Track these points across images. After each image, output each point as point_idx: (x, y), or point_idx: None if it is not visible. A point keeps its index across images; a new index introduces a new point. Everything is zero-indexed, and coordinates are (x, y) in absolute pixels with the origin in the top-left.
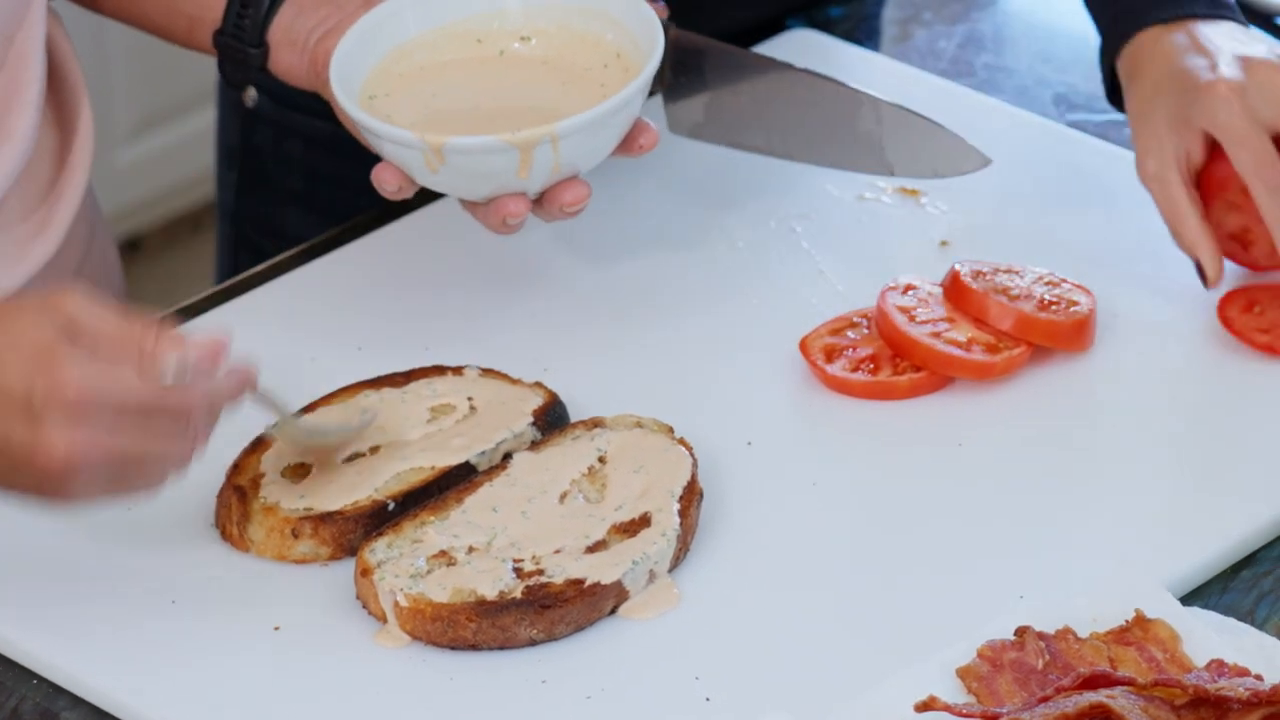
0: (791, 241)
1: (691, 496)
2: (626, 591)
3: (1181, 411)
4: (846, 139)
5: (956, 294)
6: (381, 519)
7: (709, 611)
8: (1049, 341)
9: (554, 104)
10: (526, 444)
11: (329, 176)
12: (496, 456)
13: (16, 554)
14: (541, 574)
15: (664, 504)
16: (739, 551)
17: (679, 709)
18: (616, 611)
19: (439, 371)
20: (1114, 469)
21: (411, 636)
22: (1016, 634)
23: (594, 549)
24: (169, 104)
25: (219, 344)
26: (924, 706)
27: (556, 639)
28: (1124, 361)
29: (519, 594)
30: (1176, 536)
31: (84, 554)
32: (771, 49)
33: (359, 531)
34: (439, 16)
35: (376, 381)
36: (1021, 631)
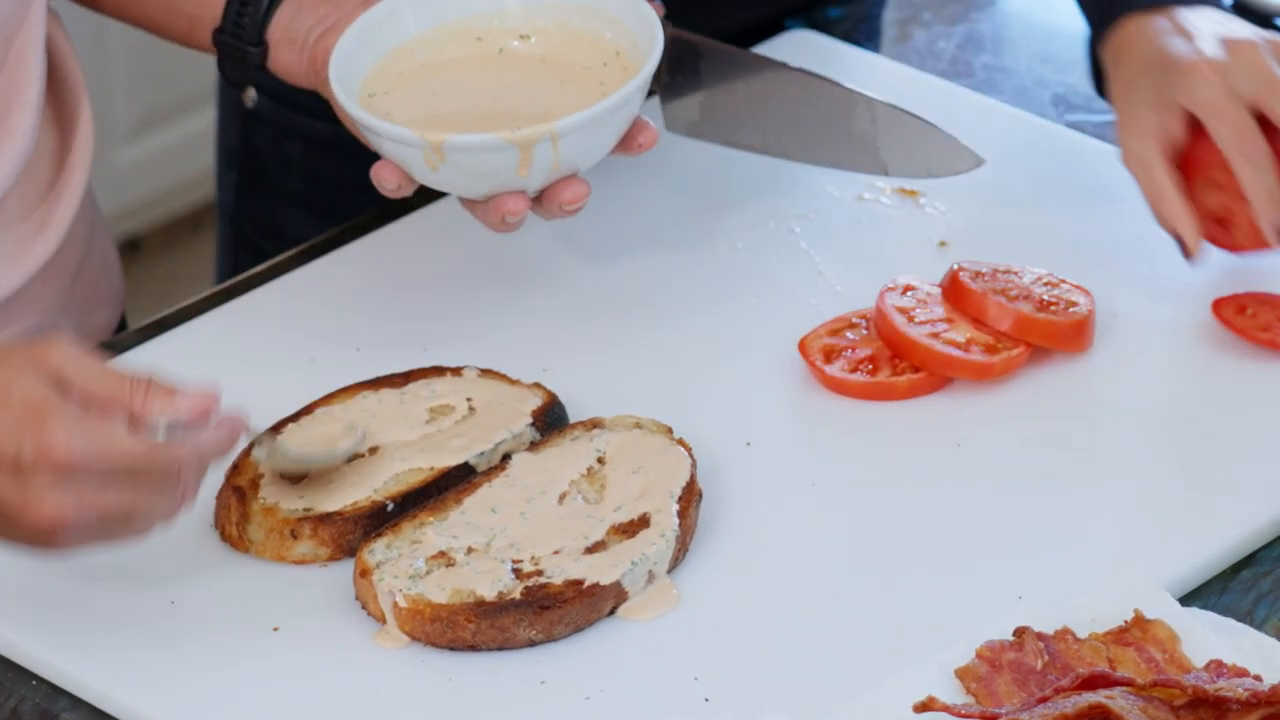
0: (790, 242)
1: (690, 497)
2: (625, 592)
3: (1180, 412)
4: (841, 138)
5: (955, 294)
6: (380, 520)
7: (708, 612)
8: (1048, 342)
9: (553, 102)
10: (525, 445)
11: (328, 177)
12: (495, 457)
13: (16, 557)
14: (540, 575)
15: (663, 504)
16: (738, 552)
17: (678, 710)
18: (615, 612)
19: (438, 372)
20: (1113, 469)
21: (410, 637)
22: (1015, 634)
23: (593, 550)
24: (169, 104)
25: (209, 398)
26: (923, 707)
27: (555, 640)
28: (1123, 362)
29: (518, 595)
30: (1175, 537)
31: (83, 555)
32: (771, 50)
33: (358, 532)
34: (438, 15)
35: (375, 382)
36: (1020, 632)
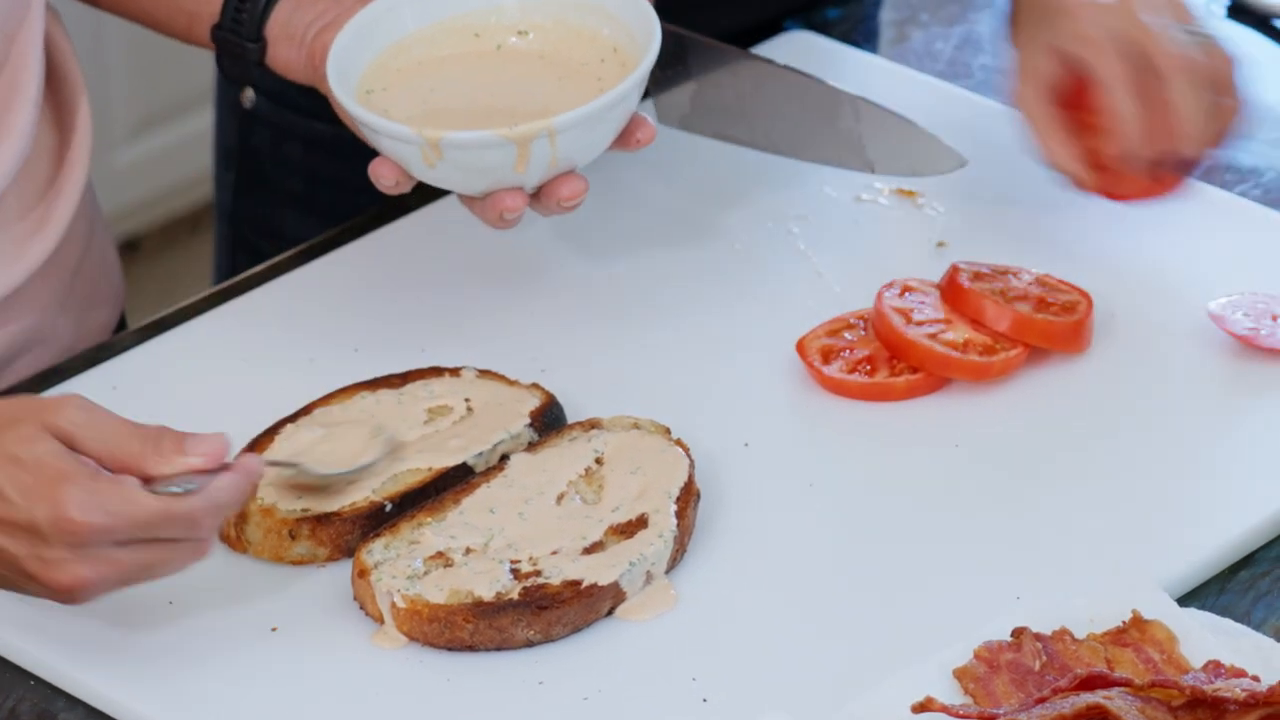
0: (789, 242)
1: (688, 497)
2: (624, 592)
3: (1178, 412)
4: (828, 135)
5: (953, 295)
6: (379, 520)
7: (706, 613)
8: (1046, 343)
9: (551, 98)
10: (524, 445)
11: (326, 178)
12: (494, 458)
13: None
14: (538, 575)
15: (661, 505)
16: (736, 553)
17: (676, 710)
18: (614, 613)
19: (436, 373)
20: (1110, 470)
21: (409, 637)
22: (1013, 635)
23: (591, 550)
24: (167, 105)
25: (220, 446)
26: (921, 707)
27: (554, 640)
28: (1121, 363)
29: (516, 595)
30: (1173, 538)
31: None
32: (769, 50)
33: (356, 533)
34: (436, 11)
35: (374, 383)
36: (1018, 632)
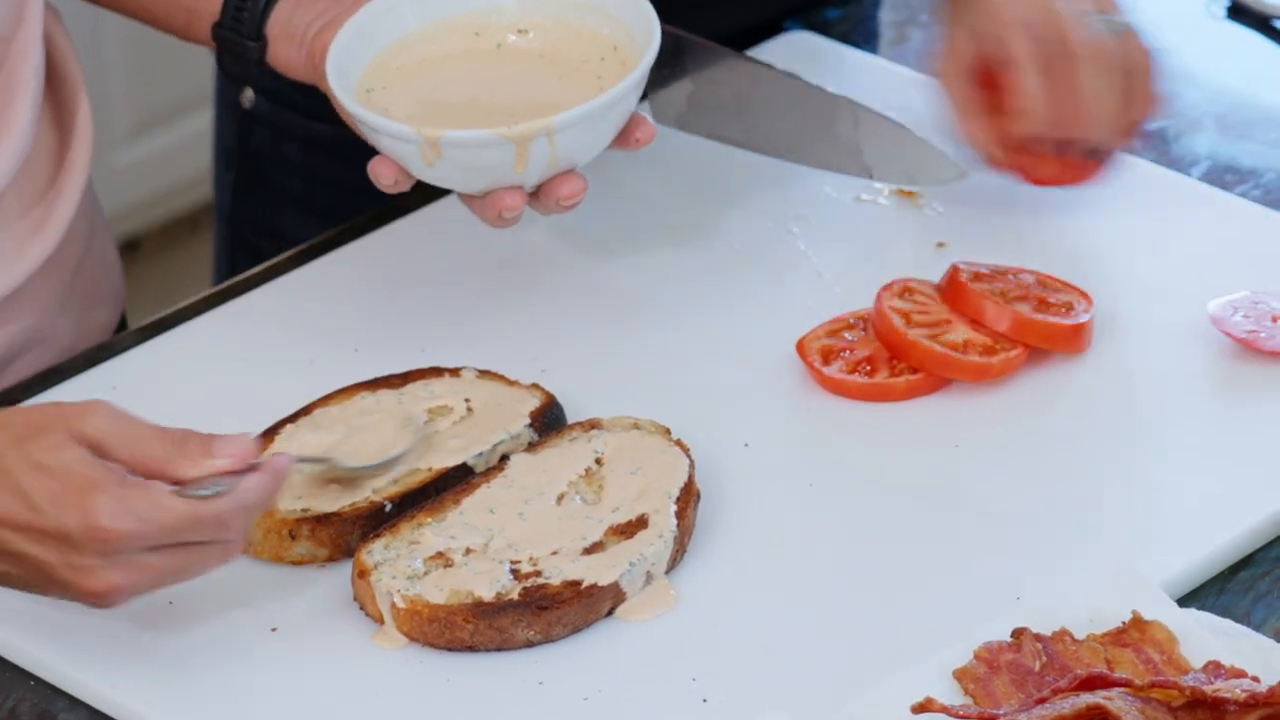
0: (788, 243)
1: (688, 498)
2: (624, 593)
3: (1178, 413)
4: (825, 140)
5: (953, 295)
6: (379, 520)
7: (706, 613)
8: (1046, 343)
9: (551, 97)
10: (524, 445)
11: (326, 178)
12: (494, 458)
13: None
14: (539, 575)
15: (661, 505)
16: (736, 553)
17: (676, 710)
18: (614, 613)
19: (436, 373)
20: (1110, 471)
21: (409, 638)
22: (1013, 635)
23: (591, 550)
24: (166, 105)
25: (247, 446)
26: (921, 708)
27: (554, 640)
28: (1121, 363)
29: (516, 595)
30: (1173, 538)
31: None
32: (769, 51)
33: (356, 533)
34: (436, 10)
35: (373, 383)
36: (1018, 633)
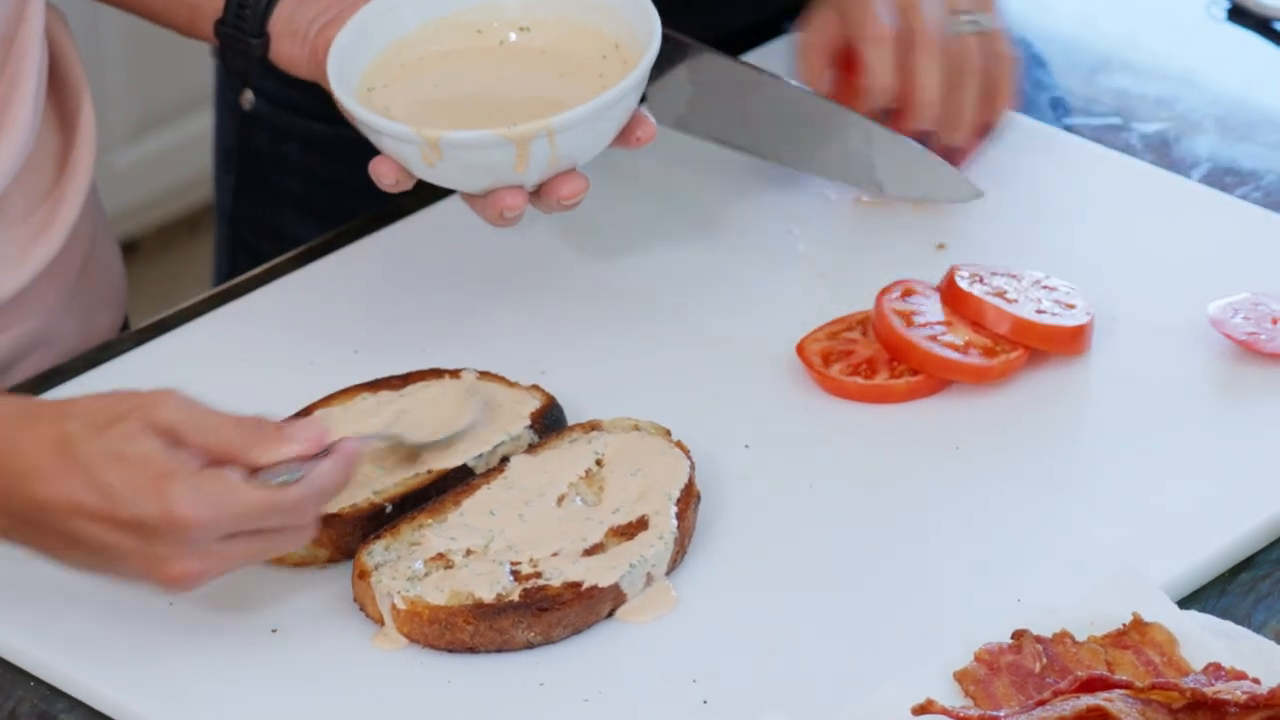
0: (789, 244)
1: (689, 499)
2: (624, 594)
3: (1178, 415)
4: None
5: (953, 297)
6: (379, 521)
7: (706, 614)
8: (1046, 345)
9: (553, 95)
10: (524, 447)
11: (326, 179)
12: (494, 459)
13: (14, 556)
14: (539, 577)
15: (661, 507)
16: (736, 554)
17: (676, 712)
18: (614, 614)
19: (436, 374)
20: (1110, 472)
21: (409, 639)
22: (1013, 637)
23: (591, 552)
24: (166, 106)
25: (320, 431)
26: (921, 710)
27: (554, 642)
28: (1121, 365)
29: (516, 597)
30: (1173, 540)
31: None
32: (768, 52)
33: (357, 534)
34: (438, 8)
35: (374, 384)
36: (1019, 635)
